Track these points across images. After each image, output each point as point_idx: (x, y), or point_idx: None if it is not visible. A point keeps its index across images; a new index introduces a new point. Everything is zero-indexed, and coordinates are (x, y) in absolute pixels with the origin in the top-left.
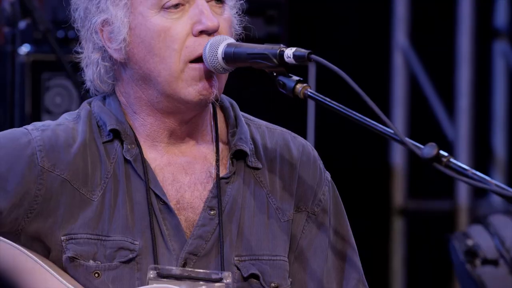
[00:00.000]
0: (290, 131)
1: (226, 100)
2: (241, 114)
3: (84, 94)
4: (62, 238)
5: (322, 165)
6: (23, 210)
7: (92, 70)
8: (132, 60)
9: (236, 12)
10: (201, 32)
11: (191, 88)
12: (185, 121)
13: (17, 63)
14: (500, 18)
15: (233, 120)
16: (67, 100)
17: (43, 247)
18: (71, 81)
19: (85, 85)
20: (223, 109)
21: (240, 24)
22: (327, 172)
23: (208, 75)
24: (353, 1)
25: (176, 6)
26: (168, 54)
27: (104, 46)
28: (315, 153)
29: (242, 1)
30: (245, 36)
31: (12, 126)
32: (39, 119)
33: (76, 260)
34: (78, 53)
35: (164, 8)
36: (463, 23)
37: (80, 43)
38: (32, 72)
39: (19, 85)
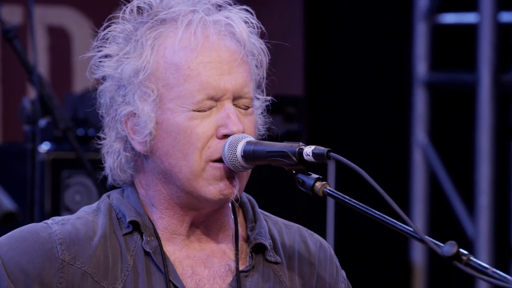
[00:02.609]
0: (306, 228)
1: (244, 196)
2: (259, 210)
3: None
4: None
5: (338, 263)
6: None
7: (113, 158)
8: (155, 153)
9: (261, 113)
10: (225, 136)
11: (211, 186)
12: (204, 216)
13: (37, 161)
14: None
15: (252, 216)
16: (87, 198)
17: None
18: (91, 179)
19: (104, 172)
20: (242, 204)
21: (264, 125)
22: (343, 270)
23: (230, 174)
24: (372, 98)
25: (206, 107)
26: (190, 152)
27: (127, 137)
28: (331, 250)
29: (267, 102)
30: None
31: None
32: None
33: None
34: (100, 138)
35: (194, 108)
36: (483, 120)
37: (103, 130)
38: (52, 170)
39: (39, 183)
